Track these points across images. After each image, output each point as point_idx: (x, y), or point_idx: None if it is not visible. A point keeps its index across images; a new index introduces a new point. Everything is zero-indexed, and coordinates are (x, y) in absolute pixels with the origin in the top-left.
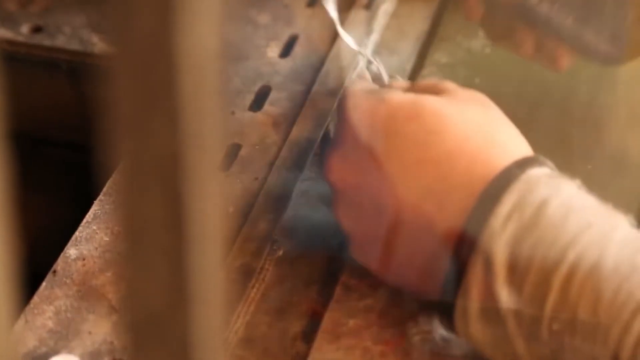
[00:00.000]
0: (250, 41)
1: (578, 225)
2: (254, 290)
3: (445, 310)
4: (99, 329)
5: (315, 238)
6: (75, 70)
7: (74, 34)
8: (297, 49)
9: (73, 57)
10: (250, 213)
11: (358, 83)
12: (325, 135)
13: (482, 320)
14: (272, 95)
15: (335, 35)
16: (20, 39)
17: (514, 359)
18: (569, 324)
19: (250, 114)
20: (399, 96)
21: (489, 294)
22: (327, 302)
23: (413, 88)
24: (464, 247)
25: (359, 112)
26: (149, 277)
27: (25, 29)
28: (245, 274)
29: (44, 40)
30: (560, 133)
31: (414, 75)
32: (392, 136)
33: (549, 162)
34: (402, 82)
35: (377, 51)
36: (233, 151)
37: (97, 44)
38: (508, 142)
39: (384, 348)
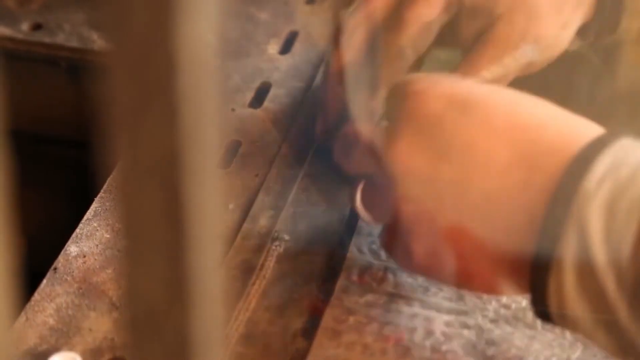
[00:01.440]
0: (250, 38)
1: None
2: (255, 286)
3: (537, 288)
4: (100, 326)
5: (315, 234)
6: (75, 67)
7: (74, 31)
8: (297, 46)
9: (72, 54)
10: (250, 210)
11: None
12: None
13: (579, 290)
14: (272, 92)
15: (335, 32)
16: (19, 36)
17: (615, 332)
18: None
19: (250, 110)
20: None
21: (585, 258)
22: (327, 298)
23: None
24: (556, 213)
25: (428, 89)
26: (149, 274)
27: (24, 26)
28: (246, 271)
29: (43, 37)
30: None
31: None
32: (473, 108)
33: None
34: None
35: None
36: (233, 148)
37: (97, 41)
38: (584, 121)
39: (384, 344)
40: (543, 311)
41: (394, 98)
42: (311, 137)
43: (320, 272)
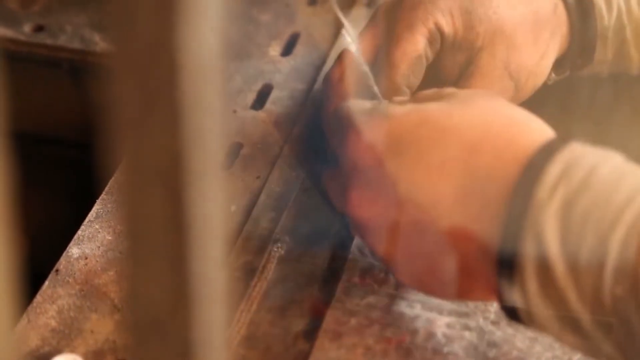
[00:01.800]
0: (252, 40)
1: (632, 187)
2: (256, 288)
3: (504, 295)
4: (102, 328)
5: (317, 236)
6: (77, 69)
7: (76, 33)
8: (299, 48)
9: (74, 55)
10: (252, 211)
11: (354, 106)
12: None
13: (543, 296)
14: (274, 94)
15: (336, 34)
16: (22, 38)
17: (581, 335)
18: (632, 287)
19: (252, 112)
20: (402, 108)
21: (545, 269)
22: (329, 300)
23: (414, 99)
24: (511, 227)
25: (365, 137)
26: (151, 277)
27: (27, 28)
28: (248, 273)
29: (45, 39)
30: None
31: None
32: (406, 147)
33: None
34: (401, 97)
35: None
36: (235, 150)
37: (99, 43)
38: (529, 121)
39: (385, 346)
40: (513, 317)
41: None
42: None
43: (322, 274)
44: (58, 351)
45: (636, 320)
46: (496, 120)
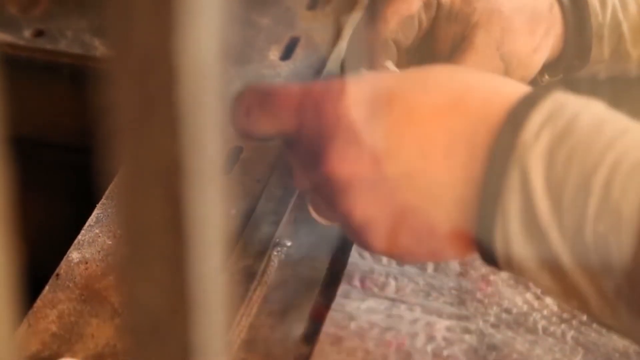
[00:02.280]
0: (252, 44)
1: (614, 131)
2: (256, 292)
3: (484, 243)
4: (102, 333)
5: (317, 240)
6: (77, 73)
7: (76, 38)
8: (298, 52)
9: (74, 60)
10: (252, 215)
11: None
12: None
13: (524, 237)
14: None
15: (336, 38)
16: (22, 42)
17: (559, 276)
18: (614, 223)
19: None
20: (390, 73)
21: (528, 207)
22: (329, 304)
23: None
24: (496, 169)
25: (356, 95)
26: (150, 282)
27: (27, 32)
28: (247, 276)
29: (45, 44)
30: None
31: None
32: (393, 101)
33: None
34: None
35: None
36: (235, 153)
37: (99, 48)
38: (507, 79)
39: (385, 350)
40: (490, 259)
41: (309, 113)
42: None
43: (322, 278)
44: (59, 355)
45: (616, 255)
46: (479, 76)
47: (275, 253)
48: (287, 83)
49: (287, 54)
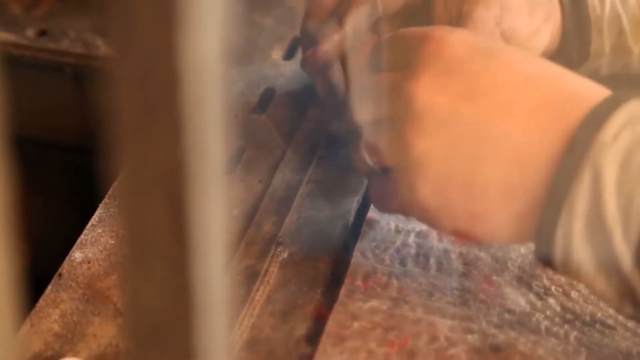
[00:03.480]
0: (254, 44)
1: None
2: (259, 292)
3: (545, 232)
4: (105, 332)
5: (319, 240)
6: (80, 73)
7: (78, 37)
8: (301, 51)
9: (77, 60)
10: (254, 215)
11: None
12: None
13: (587, 236)
14: (276, 98)
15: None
16: (25, 42)
17: (616, 280)
18: None
19: (254, 116)
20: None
21: (596, 206)
22: (331, 304)
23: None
24: (573, 159)
25: (447, 35)
26: (152, 284)
27: (30, 32)
28: (250, 277)
29: (48, 43)
30: None
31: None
32: (498, 55)
33: None
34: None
35: None
36: (237, 154)
37: (101, 47)
38: (592, 83)
39: (388, 350)
40: (546, 257)
41: (410, 41)
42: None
43: (324, 278)
44: (61, 355)
45: None
46: (566, 72)
47: (277, 253)
48: None
49: (290, 53)
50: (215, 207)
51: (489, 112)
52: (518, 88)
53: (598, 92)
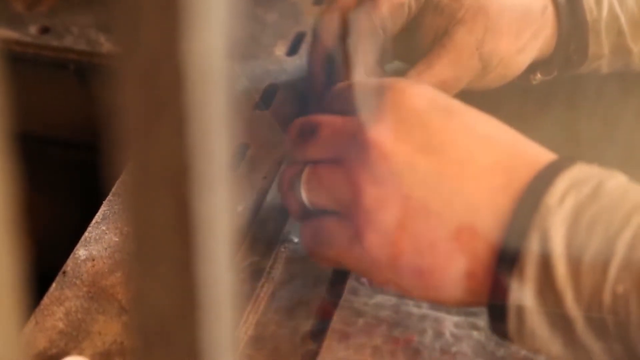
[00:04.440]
0: (258, 40)
1: (639, 198)
2: (263, 289)
3: (495, 307)
4: (109, 330)
5: None
6: (83, 70)
7: (82, 34)
8: (305, 47)
9: (81, 57)
10: (259, 212)
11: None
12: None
13: (538, 304)
14: (280, 94)
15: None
16: (27, 39)
17: (572, 344)
18: (635, 283)
19: (258, 112)
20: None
21: (546, 270)
22: (336, 300)
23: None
24: (519, 223)
25: (410, 88)
26: (157, 282)
27: (32, 29)
28: (255, 273)
29: (51, 40)
30: (569, 128)
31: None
32: (457, 113)
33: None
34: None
35: None
36: (241, 151)
37: (105, 44)
38: (531, 143)
39: (393, 346)
40: (498, 326)
41: (373, 91)
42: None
43: (329, 274)
44: (66, 353)
45: (635, 317)
46: (508, 135)
47: (282, 250)
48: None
49: (294, 49)
50: (221, 204)
51: (443, 167)
52: (473, 147)
53: (546, 157)
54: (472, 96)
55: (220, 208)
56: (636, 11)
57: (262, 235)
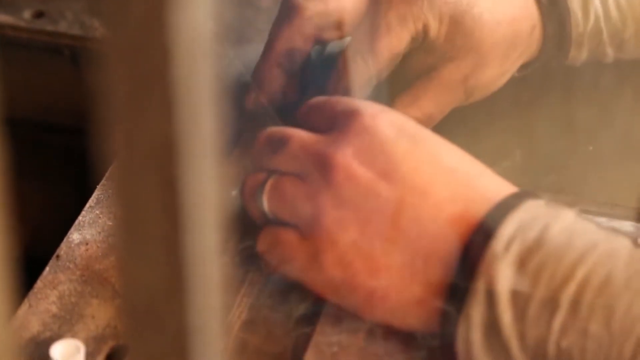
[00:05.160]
0: (252, 25)
1: (584, 245)
2: (257, 273)
3: (446, 340)
4: (103, 314)
5: None
6: (77, 55)
7: (76, 19)
8: None
9: (75, 42)
10: None
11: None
12: None
13: (485, 347)
14: None
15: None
16: (22, 24)
17: None
18: (578, 340)
19: (252, 97)
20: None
21: (491, 317)
22: None
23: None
24: (467, 268)
25: (380, 115)
26: (147, 263)
27: (27, 14)
28: (249, 257)
29: (45, 25)
30: (565, 116)
31: None
32: (423, 143)
33: (542, 196)
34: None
35: None
36: (235, 135)
37: (99, 29)
38: (485, 176)
39: (387, 330)
40: (448, 350)
41: (346, 113)
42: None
43: None
44: (59, 336)
45: None
46: (466, 167)
47: None
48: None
49: None
50: (209, 185)
51: (404, 195)
52: (435, 178)
53: (502, 191)
54: None
55: (208, 188)
56: (618, 24)
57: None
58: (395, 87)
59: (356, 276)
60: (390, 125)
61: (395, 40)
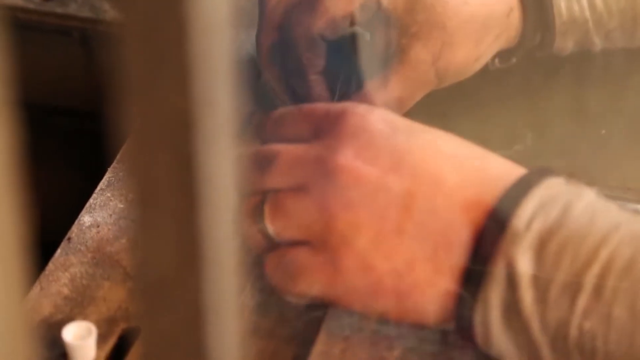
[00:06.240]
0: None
1: (607, 225)
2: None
3: (462, 323)
4: (114, 296)
5: None
6: (87, 37)
7: (86, 2)
8: None
9: (85, 24)
10: None
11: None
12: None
13: (504, 327)
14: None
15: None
16: (31, 6)
17: (536, 358)
18: (602, 323)
19: (262, 81)
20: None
21: (512, 298)
22: None
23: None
24: (484, 251)
25: (367, 112)
26: (161, 242)
27: None
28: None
29: (55, 7)
30: (576, 100)
31: None
32: (421, 134)
33: (562, 173)
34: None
35: None
36: (247, 118)
37: (109, 11)
38: (501, 162)
39: None
40: (466, 333)
41: (330, 117)
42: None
43: None
44: (71, 319)
45: (601, 354)
46: (473, 154)
47: None
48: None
49: None
50: (224, 163)
51: (416, 186)
52: (442, 166)
53: (514, 171)
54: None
55: (224, 164)
56: (604, 13)
57: None
58: (366, 72)
59: (379, 279)
60: (382, 121)
61: (340, 1)
